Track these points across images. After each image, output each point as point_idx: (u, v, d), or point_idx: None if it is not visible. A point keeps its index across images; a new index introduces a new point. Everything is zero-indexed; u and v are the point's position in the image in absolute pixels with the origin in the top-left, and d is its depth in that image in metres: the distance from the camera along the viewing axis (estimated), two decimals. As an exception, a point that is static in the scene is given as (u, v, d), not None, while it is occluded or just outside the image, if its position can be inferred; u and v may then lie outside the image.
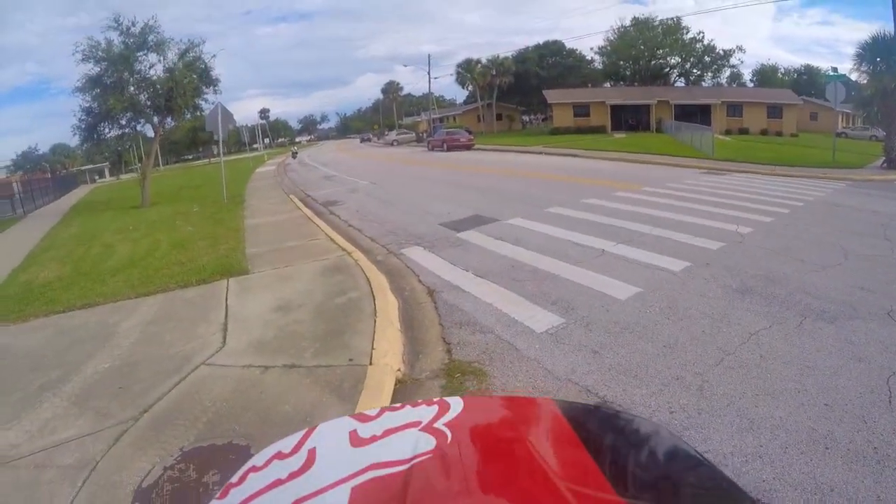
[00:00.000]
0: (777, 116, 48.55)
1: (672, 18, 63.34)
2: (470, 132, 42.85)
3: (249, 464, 1.35)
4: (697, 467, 1.35)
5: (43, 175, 42.72)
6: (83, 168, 66.54)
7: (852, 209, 11.65)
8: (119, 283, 7.92)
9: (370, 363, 4.52)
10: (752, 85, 68.93)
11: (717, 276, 6.55)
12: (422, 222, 10.97)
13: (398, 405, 1.57)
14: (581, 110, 51.73)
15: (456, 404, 1.51)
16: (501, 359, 4.65)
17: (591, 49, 70.88)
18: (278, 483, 1.21)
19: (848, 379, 3.99)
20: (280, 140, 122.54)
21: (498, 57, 62.54)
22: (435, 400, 1.54)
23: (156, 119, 20.00)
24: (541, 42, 71.08)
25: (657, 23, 62.15)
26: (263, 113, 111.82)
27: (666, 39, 61.74)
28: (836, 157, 22.82)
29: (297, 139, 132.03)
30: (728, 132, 44.53)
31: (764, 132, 46.69)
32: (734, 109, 49.46)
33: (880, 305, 5.51)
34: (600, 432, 1.53)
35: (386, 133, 75.13)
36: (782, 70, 77.52)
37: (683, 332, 4.94)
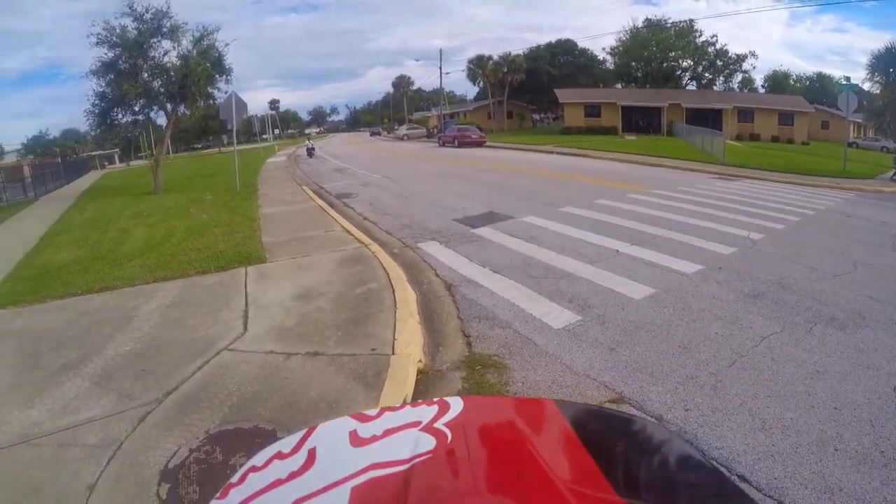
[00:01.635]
0: (788, 123, 48.28)
1: (685, 21, 62.98)
2: (481, 129, 42.66)
3: (249, 463, 1.35)
4: (697, 467, 1.38)
5: (53, 160, 42.69)
6: (93, 153, 66.41)
7: (862, 220, 11.68)
8: (137, 267, 7.95)
9: (392, 353, 4.58)
10: (763, 91, 68.54)
11: (729, 281, 6.64)
12: (437, 217, 11.07)
13: (398, 405, 1.62)
14: (592, 110, 51.52)
15: (456, 404, 1.51)
16: (521, 353, 4.75)
17: (603, 49, 70.49)
18: (278, 483, 1.21)
19: (856, 384, 4.07)
20: (290, 131, 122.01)
21: (510, 54, 62.13)
22: (435, 400, 1.55)
23: (169, 106, 20.01)
24: (553, 41, 70.74)
25: (670, 25, 61.70)
26: (273, 104, 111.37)
27: (678, 42, 61.13)
28: (846, 167, 22.80)
29: (307, 131, 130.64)
30: (739, 137, 44.33)
31: (775, 139, 46.45)
32: (745, 115, 49.16)
33: (888, 315, 5.60)
34: (600, 432, 1.54)
35: (396, 127, 74.94)
36: (794, 77, 77.43)
37: (697, 333, 5.04)
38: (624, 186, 15.53)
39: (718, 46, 62.49)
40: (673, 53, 62.11)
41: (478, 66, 63.37)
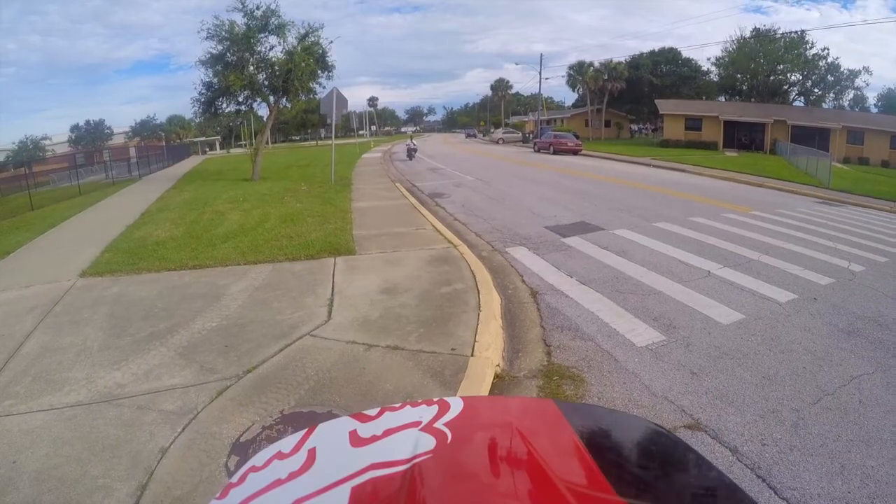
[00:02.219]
0: (902, 148, 43.59)
1: (796, 31, 58.43)
2: (577, 136, 41.54)
3: (249, 463, 1.31)
4: (697, 467, 1.35)
5: (158, 143, 45.29)
6: (195, 139, 69.88)
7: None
8: (229, 249, 8.17)
9: (472, 354, 4.53)
10: (876, 110, 62.11)
11: (823, 313, 6.24)
12: (527, 223, 11.03)
13: (398, 405, 1.54)
14: (693, 123, 48.77)
15: (456, 404, 1.49)
16: (600, 368, 4.70)
17: (708, 59, 66.33)
18: (278, 483, 1.18)
19: None
20: (386, 128, 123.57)
21: (611, 61, 60.05)
22: (435, 400, 1.52)
23: (272, 98, 20.62)
24: (655, 49, 67.69)
25: (779, 35, 57.23)
26: (372, 101, 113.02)
27: (787, 54, 56.35)
28: (968, 199, 20.47)
29: (404, 129, 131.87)
30: (846, 160, 40.52)
31: (885, 164, 41.73)
32: (855, 136, 44.49)
33: None
34: (600, 432, 1.51)
35: (492, 130, 74.43)
36: (912, 97, 69.52)
37: (783, 366, 4.82)
38: (721, 205, 14.79)
39: (830, 60, 57.30)
40: (781, 66, 57.36)
41: (578, 73, 61.44)
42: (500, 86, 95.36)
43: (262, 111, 23.01)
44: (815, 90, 59.58)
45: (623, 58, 63.67)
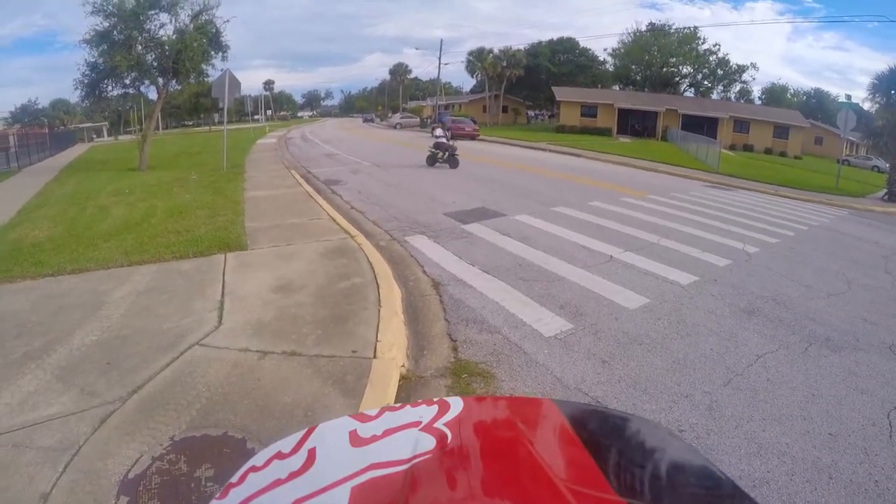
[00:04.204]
0: (783, 137, 48.90)
1: (689, 27, 63.65)
2: (475, 122, 42.67)
3: (249, 463, 1.35)
4: (697, 467, 1.37)
5: (41, 130, 41.80)
6: (82, 126, 64.86)
7: (854, 238, 11.73)
8: (112, 248, 7.65)
9: (374, 356, 4.39)
10: (760, 103, 69.08)
11: (724, 294, 6.59)
12: (426, 210, 10.91)
13: (398, 405, 1.60)
14: (589, 110, 51.65)
15: (456, 404, 1.52)
16: (509, 361, 4.62)
17: (605, 50, 70.88)
18: (278, 483, 1.21)
19: (851, 410, 4.07)
20: (282, 113, 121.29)
21: (510, 48, 62.30)
22: (435, 400, 1.55)
23: (160, 81, 19.64)
24: (554, 38, 70.81)
25: (674, 30, 62.22)
26: (268, 84, 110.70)
27: (681, 48, 61.58)
28: (839, 185, 23.00)
29: (300, 114, 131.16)
30: (733, 147, 44.63)
31: (768, 151, 47.08)
32: (741, 125, 49.61)
33: (881, 339, 5.63)
34: (600, 432, 1.54)
35: (390, 115, 74.76)
36: (792, 91, 78.30)
37: (692, 349, 4.96)
38: (618, 189, 15.53)
39: (720, 55, 63.27)
40: (674, 59, 62.53)
41: (477, 59, 63.22)
42: (399, 70, 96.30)
43: (153, 95, 21.72)
44: (705, 82, 65.47)
45: (522, 46, 66.38)
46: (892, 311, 6.71)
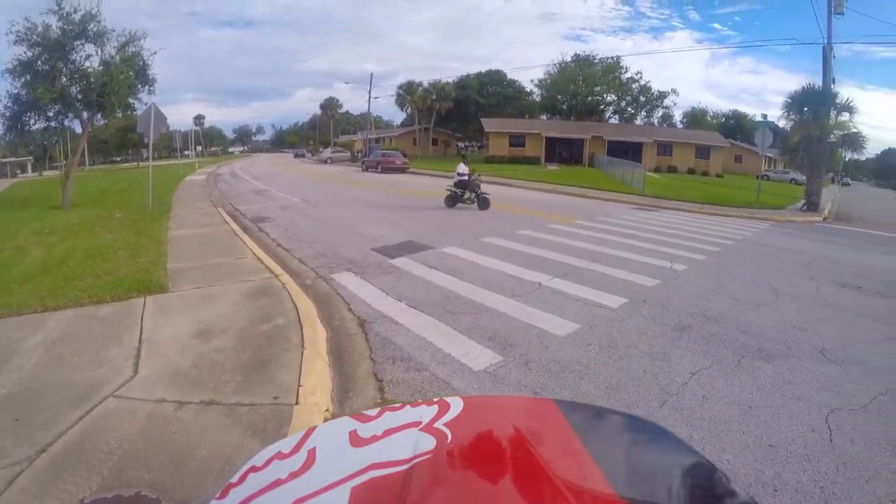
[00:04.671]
0: (705, 157, 51.94)
1: (612, 57, 67.05)
2: (405, 155, 43.35)
3: (249, 464, 1.35)
4: (697, 467, 1.36)
5: None
6: (4, 160, 62.22)
7: (778, 249, 12.22)
8: (27, 293, 7.17)
9: (296, 402, 4.19)
10: (681, 126, 73.03)
11: (654, 314, 6.60)
12: (353, 246, 10.65)
13: (398, 405, 1.59)
14: (517, 140, 53.08)
15: (456, 404, 1.53)
16: None
17: (531, 81, 73.40)
18: (278, 483, 1.22)
19: (789, 418, 4.08)
20: (213, 148, 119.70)
21: (439, 81, 63.91)
22: (435, 400, 1.56)
23: (85, 115, 18.86)
24: (482, 70, 73.31)
25: (597, 60, 65.56)
26: (198, 119, 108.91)
27: (605, 77, 65.05)
28: (759, 199, 24.19)
29: (231, 149, 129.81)
30: (657, 170, 46.73)
31: (691, 171, 49.71)
32: (665, 148, 52.36)
33: (812, 344, 5.76)
34: (600, 432, 1.54)
35: (321, 150, 74.71)
36: (711, 114, 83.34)
37: (624, 372, 4.87)
38: (546, 216, 15.76)
39: (642, 83, 67.22)
40: (598, 88, 65.84)
41: (407, 92, 64.53)
42: (330, 105, 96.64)
43: (80, 129, 20.80)
44: (629, 109, 69.53)
45: (451, 78, 68.57)
46: (819, 315, 6.93)
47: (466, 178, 17.02)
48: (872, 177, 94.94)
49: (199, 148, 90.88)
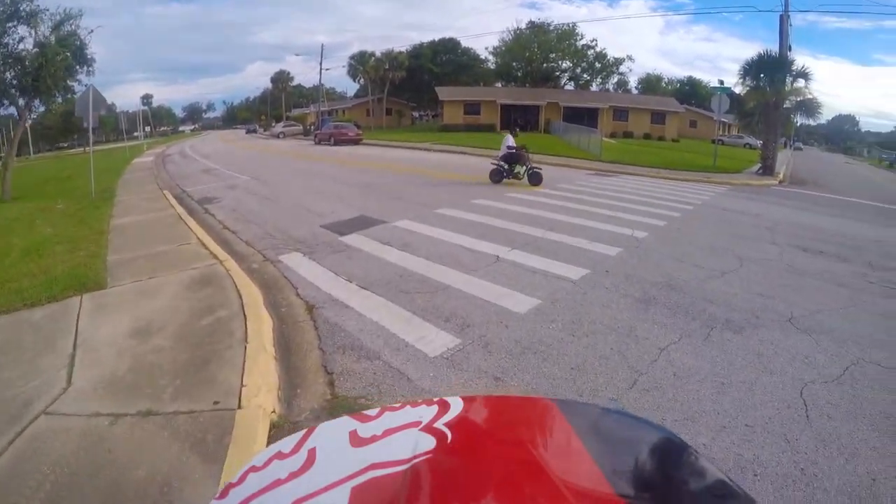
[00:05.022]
0: (660, 122, 52.64)
1: (568, 24, 67.04)
2: (358, 126, 42.68)
3: (249, 464, 1.34)
4: (698, 467, 1.35)
5: None
6: None
7: (737, 213, 12.24)
8: None
9: (239, 406, 3.83)
10: (637, 92, 73.58)
11: (618, 285, 6.37)
12: (303, 223, 10.17)
13: (398, 405, 1.57)
14: (472, 108, 52.70)
15: (456, 404, 1.52)
16: (392, 392, 4.08)
17: (486, 48, 73.12)
18: (278, 483, 1.21)
19: (763, 395, 3.94)
20: (163, 129, 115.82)
21: (392, 51, 63.54)
22: (435, 400, 1.55)
23: (21, 101, 17.81)
24: (436, 39, 72.43)
25: (552, 27, 65.32)
26: (146, 99, 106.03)
27: (560, 44, 64.86)
28: (717, 163, 24.42)
29: (182, 128, 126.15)
30: (613, 135, 47.07)
31: (647, 136, 50.34)
32: (621, 114, 52.80)
33: (780, 312, 5.67)
34: (600, 432, 1.52)
35: (273, 124, 73.17)
36: (666, 80, 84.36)
37: (590, 351, 4.61)
38: (502, 184, 15.46)
39: (598, 50, 67.24)
40: (554, 55, 65.66)
41: (359, 63, 63.63)
42: (282, 78, 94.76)
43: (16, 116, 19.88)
44: (585, 76, 69.52)
45: (405, 48, 67.53)
46: (784, 282, 6.87)
47: (515, 151, 16.12)
48: (823, 142, 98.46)
49: (147, 129, 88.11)
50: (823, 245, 9.21)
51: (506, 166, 16.02)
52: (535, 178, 15.77)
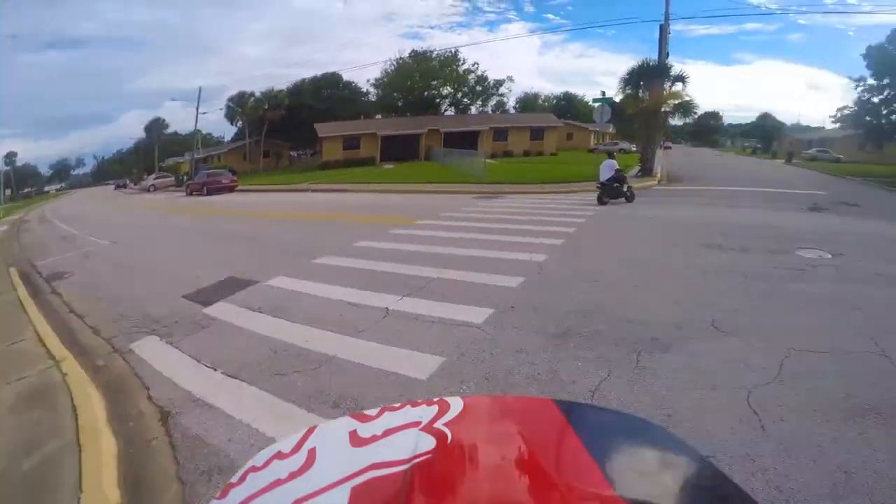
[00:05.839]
0: (539, 138, 54.83)
1: (450, 50, 68.98)
2: (234, 172, 41.06)
3: (249, 464, 1.35)
4: (698, 468, 1.33)
5: None
6: None
7: (630, 218, 12.29)
8: None
9: None
10: (514, 111, 76.40)
11: (527, 322, 5.74)
12: (163, 295, 8.75)
13: (398, 405, 1.55)
14: (351, 142, 52.62)
15: (456, 404, 1.51)
16: None
17: (368, 81, 73.64)
18: (278, 483, 1.21)
19: (713, 415, 3.72)
20: (27, 190, 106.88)
21: (272, 89, 63.09)
22: (435, 400, 1.54)
23: None
24: (318, 75, 72.40)
25: (435, 54, 67.13)
26: (9, 157, 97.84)
27: (442, 70, 66.42)
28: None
29: (47, 188, 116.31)
30: (494, 156, 48.14)
31: (527, 153, 52.41)
32: (500, 134, 54.67)
33: (700, 317, 5.54)
34: (600, 432, 1.48)
35: (144, 177, 69.27)
36: (543, 97, 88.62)
37: (511, 411, 3.90)
38: (386, 220, 14.73)
39: (479, 73, 69.44)
40: (435, 82, 66.97)
41: (238, 104, 62.57)
42: (156, 126, 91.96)
43: None
44: (465, 100, 71.21)
45: (285, 85, 67.28)
46: (695, 284, 6.77)
47: (620, 172, 17.43)
48: (689, 139, 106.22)
49: (8, 192, 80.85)
50: (722, 238, 9.31)
51: (615, 185, 17.17)
52: (632, 197, 17.20)
